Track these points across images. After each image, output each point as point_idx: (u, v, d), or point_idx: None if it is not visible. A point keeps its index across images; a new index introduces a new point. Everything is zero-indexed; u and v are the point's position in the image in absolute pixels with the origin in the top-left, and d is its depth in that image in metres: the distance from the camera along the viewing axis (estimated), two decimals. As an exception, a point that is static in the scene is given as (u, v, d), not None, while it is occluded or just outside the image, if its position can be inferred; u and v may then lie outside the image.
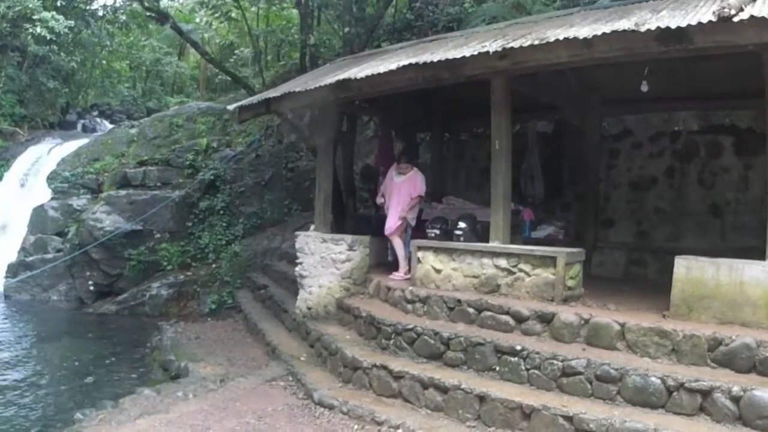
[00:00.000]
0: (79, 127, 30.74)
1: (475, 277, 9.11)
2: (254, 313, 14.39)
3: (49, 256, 19.87)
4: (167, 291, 17.83)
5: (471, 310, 8.54)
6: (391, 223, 11.02)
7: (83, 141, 24.78)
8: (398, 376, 8.13)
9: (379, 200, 11.74)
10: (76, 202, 20.96)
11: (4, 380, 12.71)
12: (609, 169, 13.14)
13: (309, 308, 11.56)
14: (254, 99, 12.91)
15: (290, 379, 9.98)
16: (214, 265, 18.02)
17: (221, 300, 16.41)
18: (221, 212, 19.21)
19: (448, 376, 7.67)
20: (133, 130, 23.74)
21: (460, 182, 15.04)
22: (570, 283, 8.37)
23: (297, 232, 12.47)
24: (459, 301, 8.73)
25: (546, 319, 7.80)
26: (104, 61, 34.69)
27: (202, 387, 10.11)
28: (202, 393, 9.76)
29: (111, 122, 31.48)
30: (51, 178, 22.76)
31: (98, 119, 32.74)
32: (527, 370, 7.30)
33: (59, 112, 30.73)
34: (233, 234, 18.62)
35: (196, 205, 19.36)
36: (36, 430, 10.24)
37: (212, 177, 19.85)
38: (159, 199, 19.38)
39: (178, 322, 15.60)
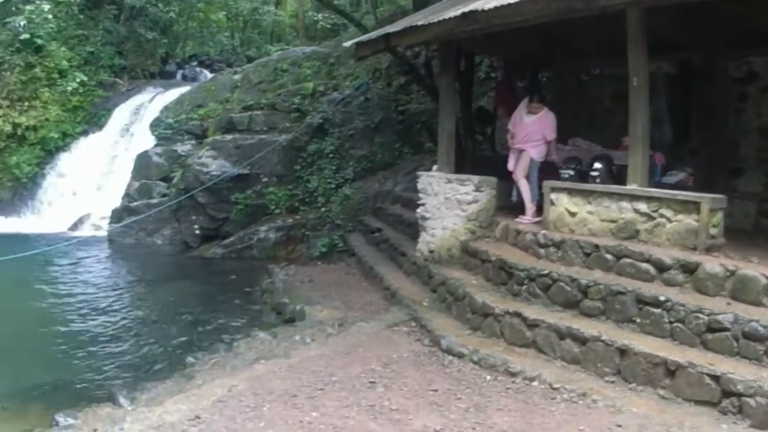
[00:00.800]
0: (179, 76, 30.44)
1: (612, 221, 8.46)
2: (368, 256, 13.52)
3: (154, 201, 19.51)
4: (275, 234, 17.15)
5: (609, 256, 7.92)
6: (520, 164, 10.28)
7: (185, 89, 24.38)
8: (533, 325, 7.65)
9: (510, 141, 10.84)
10: (181, 148, 20.54)
11: (113, 324, 12.29)
12: (737, 114, 11.83)
13: (431, 251, 10.83)
14: (373, 35, 12.29)
15: (413, 324, 9.26)
16: (323, 209, 17.22)
17: (332, 243, 15.60)
18: (330, 156, 18.37)
19: (586, 327, 7.17)
20: (237, 76, 23.14)
21: (582, 124, 13.88)
22: (713, 231, 7.69)
23: (419, 173, 11.74)
24: (596, 246, 8.10)
25: (689, 269, 7.16)
26: (201, 13, 34.23)
27: (320, 331, 9.42)
28: (321, 337, 9.07)
29: (211, 71, 31.01)
30: (154, 126, 22.52)
31: (198, 69, 32.34)
32: (670, 323, 6.75)
33: (159, 63, 30.65)
34: (343, 177, 17.76)
35: (304, 149, 18.56)
36: (146, 373, 9.73)
37: (320, 120, 19.01)
38: (266, 143, 18.65)
39: (289, 265, 14.87)
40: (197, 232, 18.37)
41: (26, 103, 25.02)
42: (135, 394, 7.85)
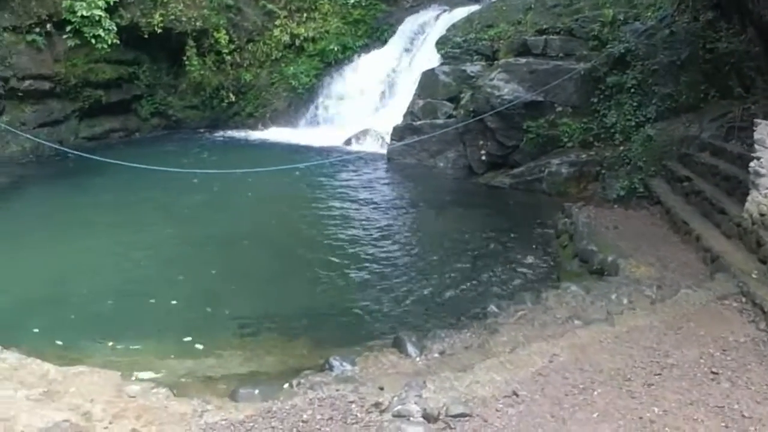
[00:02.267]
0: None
1: None
2: (677, 208, 12.34)
3: (439, 121, 19.29)
4: (567, 169, 16.37)
5: None
6: None
7: (474, 7, 23.65)
8: None
9: None
10: (470, 68, 20.02)
11: (390, 253, 12.12)
12: None
13: (762, 215, 9.52)
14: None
15: (743, 300, 8.13)
16: (621, 148, 16.07)
17: (631, 187, 14.50)
18: (631, 90, 17.02)
19: None
20: (531, -2, 22.07)
21: None
22: None
23: (758, 120, 10.30)
24: None
25: None
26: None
27: (637, 292, 8.57)
28: (642, 301, 8.19)
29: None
30: (440, 44, 22.16)
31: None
32: None
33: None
34: (644, 116, 16.43)
35: (602, 80, 17.35)
36: (435, 315, 9.27)
37: (622, 51, 17.63)
38: (562, 70, 17.61)
39: (585, 205, 13.98)
40: (483, 158, 17.95)
41: (305, 14, 25.74)
42: (425, 342, 7.28)
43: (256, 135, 24.31)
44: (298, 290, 10.20)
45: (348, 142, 22.03)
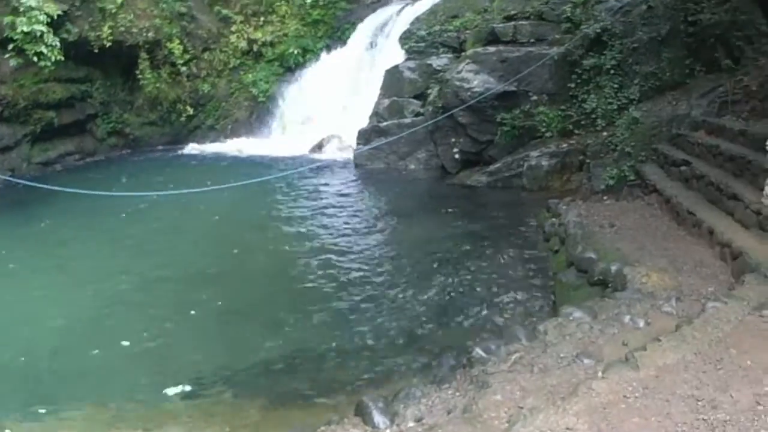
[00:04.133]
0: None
1: None
2: (679, 196, 10.85)
3: (407, 120, 17.98)
4: (548, 161, 15.14)
5: None
6: None
7: (437, -1, 22.34)
8: None
9: None
10: (436, 62, 18.74)
11: (358, 276, 10.71)
12: None
13: None
14: None
15: None
16: (604, 134, 14.74)
17: (621, 175, 13.12)
18: (611, 72, 15.69)
19: None
20: (495, -17, 20.78)
21: None
22: None
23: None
24: None
25: None
26: None
27: (654, 309, 7.06)
28: (661, 322, 6.67)
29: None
30: (404, 39, 20.82)
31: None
32: None
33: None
34: (627, 97, 15.12)
35: (578, 64, 16.04)
36: (406, 362, 7.87)
37: (598, 31, 16.32)
38: (534, 56, 16.30)
39: (573, 200, 12.62)
40: (456, 156, 16.65)
41: (262, 18, 24.44)
42: (396, 407, 5.68)
43: (217, 148, 22.82)
44: (256, 336, 8.80)
45: (314, 149, 20.70)
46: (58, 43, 19.31)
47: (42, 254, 12.65)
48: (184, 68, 23.38)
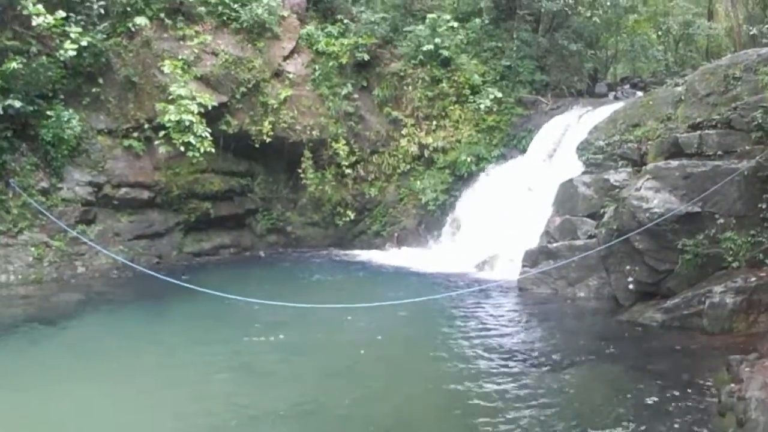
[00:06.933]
0: (611, 97, 26.63)
1: None
2: None
3: (579, 242, 16.29)
4: (733, 298, 12.79)
5: None
6: None
7: (617, 105, 20.62)
8: None
9: None
10: (614, 177, 16.87)
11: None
12: None
13: None
14: None
15: None
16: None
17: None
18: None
19: None
20: (679, 88, 18.63)
21: None
22: None
23: None
24: None
25: None
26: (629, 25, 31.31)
27: None
28: None
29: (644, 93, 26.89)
30: (582, 149, 19.18)
31: (630, 89, 28.17)
32: None
33: (586, 79, 27.29)
34: None
35: (772, 181, 13.76)
36: None
37: (801, 142, 14.03)
38: (722, 171, 14.09)
39: (761, 357, 9.94)
40: (631, 286, 14.66)
41: (434, 122, 23.63)
42: None
43: (380, 257, 21.98)
44: None
45: (480, 265, 19.36)
46: (209, 135, 19.27)
47: (134, 355, 11.95)
48: (349, 170, 22.98)
